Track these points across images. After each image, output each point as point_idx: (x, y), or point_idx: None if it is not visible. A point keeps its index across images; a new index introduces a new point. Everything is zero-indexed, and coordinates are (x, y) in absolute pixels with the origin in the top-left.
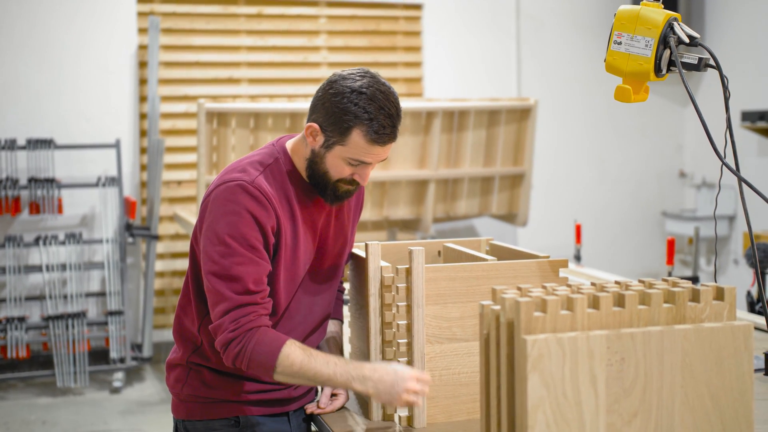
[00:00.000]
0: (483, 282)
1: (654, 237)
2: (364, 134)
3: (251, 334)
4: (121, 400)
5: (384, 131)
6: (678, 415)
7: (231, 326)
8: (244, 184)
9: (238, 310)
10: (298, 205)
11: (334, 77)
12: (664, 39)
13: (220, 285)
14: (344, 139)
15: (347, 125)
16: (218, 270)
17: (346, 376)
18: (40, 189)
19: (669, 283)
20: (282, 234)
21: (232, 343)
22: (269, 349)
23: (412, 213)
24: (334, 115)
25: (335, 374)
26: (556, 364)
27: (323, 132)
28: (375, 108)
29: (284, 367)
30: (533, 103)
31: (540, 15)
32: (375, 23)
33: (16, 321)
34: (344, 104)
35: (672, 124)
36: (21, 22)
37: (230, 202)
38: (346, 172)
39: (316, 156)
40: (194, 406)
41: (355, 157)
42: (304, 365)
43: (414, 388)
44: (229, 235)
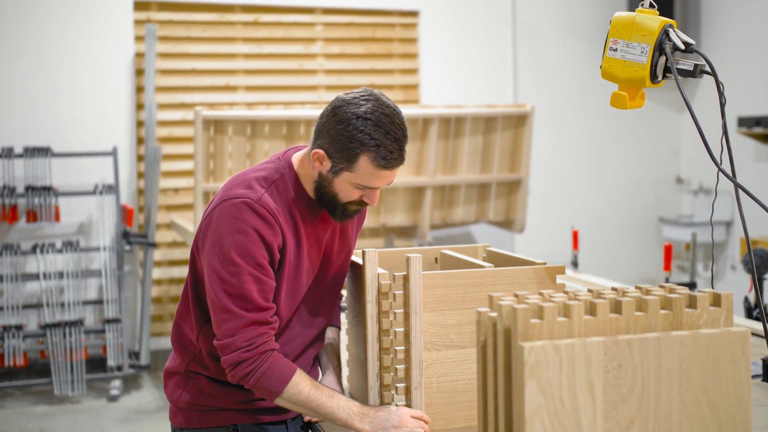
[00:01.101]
0: (480, 289)
1: (651, 243)
2: (371, 161)
3: (265, 357)
4: (119, 408)
5: (392, 156)
6: (675, 421)
7: (244, 345)
8: (250, 202)
9: (250, 330)
10: (302, 221)
11: (338, 102)
12: (659, 45)
13: (230, 303)
14: (352, 165)
15: (354, 152)
16: (228, 288)
17: (348, 411)
18: (37, 197)
19: (666, 290)
20: (286, 250)
21: (243, 363)
22: (280, 374)
23: (409, 220)
24: (340, 143)
25: (338, 407)
26: (553, 371)
27: (330, 158)
28: (381, 134)
29: (291, 395)
30: (530, 110)
31: (536, 22)
32: (371, 30)
33: (13, 329)
34: (350, 131)
35: (668, 130)
36: (17, 30)
37: (237, 220)
38: (354, 195)
39: (323, 180)
40: (192, 414)
41: (363, 183)
42: (310, 396)
43: (407, 422)
44: (237, 253)
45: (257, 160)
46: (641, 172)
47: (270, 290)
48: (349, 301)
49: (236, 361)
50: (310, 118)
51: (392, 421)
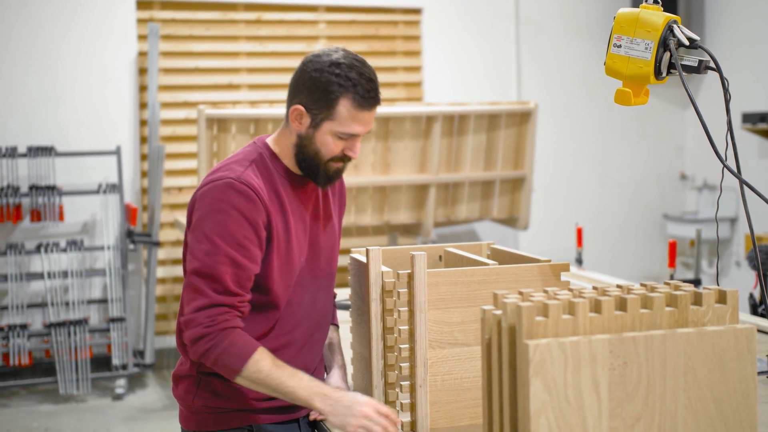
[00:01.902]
0: (484, 286)
1: (655, 240)
2: (351, 101)
3: (225, 333)
4: (124, 407)
5: (369, 95)
6: (681, 419)
7: (206, 322)
8: (231, 182)
9: (214, 309)
10: (286, 196)
11: (307, 58)
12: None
13: (201, 282)
14: (332, 112)
15: (333, 96)
16: (200, 267)
17: (309, 391)
18: (41, 196)
19: (671, 287)
20: (273, 227)
21: (203, 339)
22: (240, 351)
23: (413, 217)
24: (318, 91)
25: (299, 387)
26: (558, 369)
27: (309, 112)
28: (356, 74)
29: (250, 373)
30: (533, 107)
31: (539, 19)
32: (374, 28)
33: (18, 328)
34: (326, 77)
35: (672, 127)
36: (20, 29)
37: (218, 201)
38: (337, 148)
39: (304, 139)
40: (207, 417)
41: (344, 130)
42: (270, 374)
43: (370, 416)
44: (217, 233)
45: None
46: (645, 168)
47: (248, 277)
48: (353, 299)
49: (196, 336)
50: None
51: (353, 411)
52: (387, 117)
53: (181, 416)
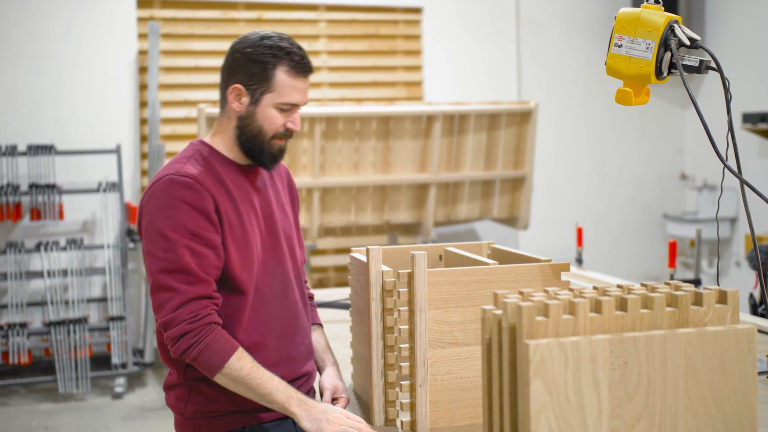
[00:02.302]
0: (485, 286)
1: (655, 239)
2: (287, 69)
3: (208, 329)
4: (123, 406)
5: (303, 61)
6: (681, 419)
7: (188, 318)
8: (171, 177)
9: (193, 303)
10: (233, 185)
11: (234, 42)
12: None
13: (169, 279)
14: (270, 83)
15: (270, 66)
16: (165, 265)
17: (287, 395)
18: (41, 195)
19: (671, 287)
20: (223, 213)
21: (187, 336)
22: (222, 349)
23: (413, 217)
24: (254, 65)
25: (277, 390)
26: (558, 369)
27: (248, 88)
28: (287, 44)
29: (231, 371)
30: (533, 107)
31: (540, 18)
32: (375, 27)
33: (17, 327)
34: (260, 52)
35: (672, 127)
36: (20, 28)
37: (163, 198)
38: (279, 121)
39: (245, 119)
40: (201, 422)
41: (285, 100)
42: (251, 374)
43: (342, 422)
44: (170, 228)
45: None
46: (645, 168)
47: (209, 264)
48: (354, 298)
49: (180, 333)
50: (313, 115)
51: (328, 416)
52: (387, 116)
53: (177, 424)
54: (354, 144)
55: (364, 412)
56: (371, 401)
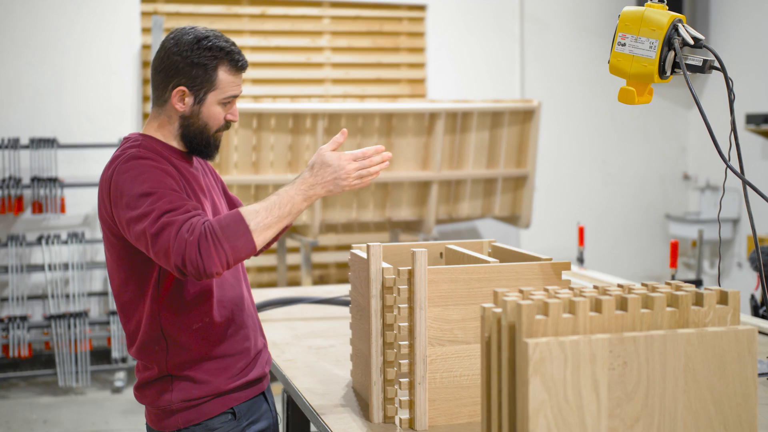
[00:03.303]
0: (485, 284)
1: (657, 240)
2: (228, 67)
3: (208, 224)
4: (123, 400)
5: (241, 57)
6: (681, 420)
7: (188, 234)
8: (134, 151)
9: (186, 224)
10: (180, 167)
11: (171, 44)
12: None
13: (163, 221)
14: (213, 82)
15: (212, 68)
16: (156, 214)
17: (301, 193)
18: (42, 188)
19: (672, 287)
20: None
21: (201, 242)
22: (232, 218)
23: (415, 214)
24: (196, 68)
25: (292, 197)
26: (557, 368)
27: (191, 89)
28: (224, 43)
29: (253, 220)
30: (536, 105)
31: (543, 17)
32: (378, 24)
33: (18, 320)
34: (200, 53)
35: (675, 127)
36: (23, 21)
37: (132, 169)
38: (221, 116)
39: (189, 118)
40: (188, 412)
41: (227, 94)
42: (266, 207)
43: (353, 167)
44: (150, 186)
45: (263, 152)
46: (648, 168)
47: (196, 206)
48: (353, 295)
49: (195, 247)
50: (316, 112)
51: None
52: (390, 113)
53: (155, 419)
54: (356, 141)
55: (363, 409)
56: (370, 398)
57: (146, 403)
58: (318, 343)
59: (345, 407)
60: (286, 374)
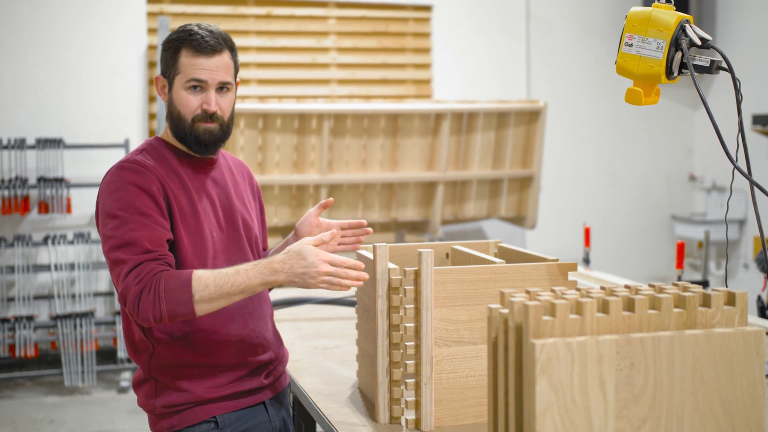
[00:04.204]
0: (491, 285)
1: (663, 240)
2: (188, 51)
3: (157, 277)
4: (129, 400)
5: (204, 40)
6: (688, 421)
7: (135, 281)
8: (121, 164)
9: (138, 268)
10: (186, 176)
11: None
12: (675, 41)
13: (119, 253)
14: (176, 66)
15: (175, 52)
16: (115, 242)
17: (260, 277)
18: (49, 188)
19: (679, 288)
20: (173, 199)
21: (142, 294)
22: (180, 281)
23: (421, 215)
24: (165, 53)
25: (249, 279)
26: (564, 369)
27: (165, 76)
28: (194, 28)
29: (200, 291)
30: (542, 106)
31: (549, 17)
32: (384, 24)
33: (24, 320)
34: (170, 40)
35: (681, 127)
36: (29, 22)
37: (113, 182)
38: (191, 102)
39: (170, 107)
40: (172, 417)
41: (187, 77)
42: (218, 282)
43: (326, 270)
44: (119, 208)
45: (268, 153)
46: (654, 169)
47: (160, 236)
48: (359, 295)
49: (135, 295)
50: (322, 112)
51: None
52: (396, 114)
53: (150, 423)
54: (362, 141)
55: (369, 410)
56: (376, 399)
57: (140, 405)
58: (324, 343)
59: (351, 408)
60: (292, 375)
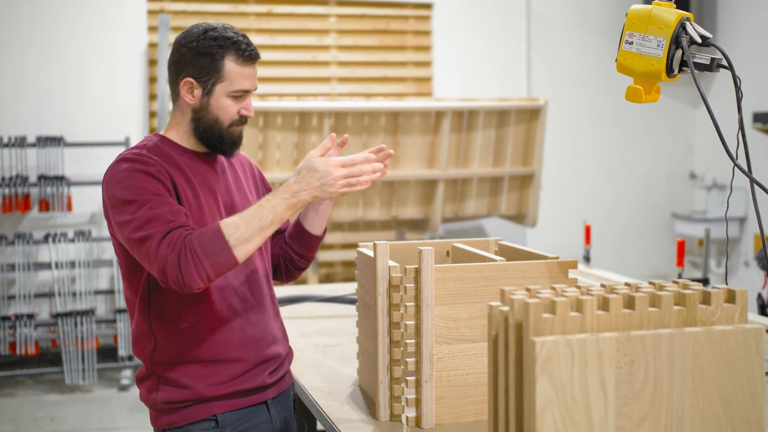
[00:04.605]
0: (492, 282)
1: (663, 238)
2: (235, 58)
3: (189, 239)
4: (129, 398)
5: (249, 48)
6: (688, 418)
7: (168, 249)
8: (126, 155)
9: (167, 237)
10: (190, 171)
11: (180, 37)
12: (676, 39)
13: (143, 232)
14: (220, 74)
15: (218, 59)
16: (137, 222)
17: (284, 203)
18: (49, 186)
19: (680, 285)
20: (180, 189)
21: (180, 259)
22: (211, 233)
23: (421, 213)
24: (202, 58)
25: (274, 207)
26: (564, 366)
27: (198, 81)
28: (232, 33)
29: (233, 235)
30: (543, 104)
31: (550, 15)
32: (385, 22)
33: (25, 318)
34: (206, 44)
35: (682, 125)
36: (30, 20)
37: (120, 172)
38: (233, 109)
39: (200, 110)
40: (172, 414)
41: (236, 87)
42: (246, 221)
43: (341, 173)
44: (132, 194)
45: (269, 151)
46: (654, 167)
47: (178, 210)
48: (360, 293)
49: (174, 263)
50: (322, 110)
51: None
52: (396, 112)
53: (152, 418)
54: (363, 139)
55: (370, 408)
56: (377, 396)
57: (141, 399)
58: (324, 341)
59: (351, 405)
60: (293, 372)
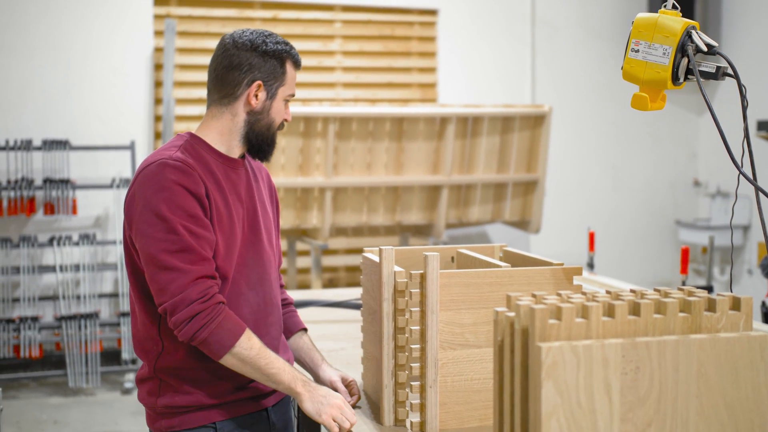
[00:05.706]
0: (497, 288)
1: (667, 246)
2: (292, 63)
3: (219, 309)
4: (132, 401)
5: (299, 55)
6: (693, 425)
7: (198, 297)
8: (164, 161)
9: (200, 283)
10: (221, 175)
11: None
12: (682, 47)
13: (174, 260)
14: (283, 77)
15: (282, 63)
16: (168, 246)
17: (292, 375)
18: (54, 190)
19: (685, 293)
20: (212, 200)
21: (199, 315)
22: (233, 328)
23: (425, 218)
24: (271, 60)
25: (283, 371)
26: (570, 372)
27: (265, 84)
28: (285, 41)
29: (242, 350)
30: (547, 110)
31: (555, 22)
32: (390, 28)
33: (29, 321)
34: (272, 47)
35: (686, 133)
36: (36, 23)
37: (158, 180)
38: (285, 114)
39: (259, 113)
40: (172, 418)
41: (291, 92)
42: (260, 353)
43: (342, 408)
44: (167, 209)
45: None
46: (658, 174)
47: (208, 244)
48: (365, 298)
49: (192, 314)
50: (327, 115)
51: (329, 400)
52: (401, 117)
53: (148, 419)
54: (367, 144)
55: (374, 412)
56: (381, 401)
57: (140, 400)
58: (329, 345)
59: (356, 410)
60: None
